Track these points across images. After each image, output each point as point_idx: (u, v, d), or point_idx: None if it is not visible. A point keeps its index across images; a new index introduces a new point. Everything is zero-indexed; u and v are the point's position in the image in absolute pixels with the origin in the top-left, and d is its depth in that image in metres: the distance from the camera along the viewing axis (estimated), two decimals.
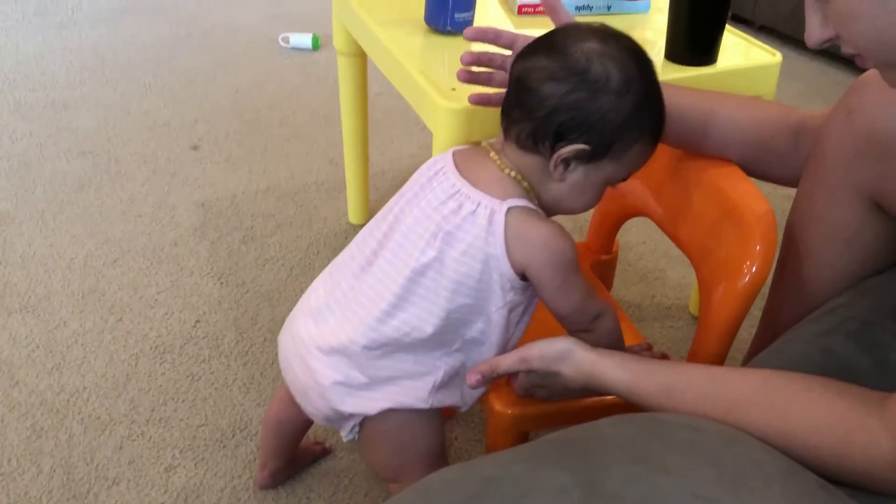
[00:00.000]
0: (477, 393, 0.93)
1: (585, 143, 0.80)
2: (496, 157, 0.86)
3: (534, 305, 0.90)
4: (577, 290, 0.85)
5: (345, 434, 0.92)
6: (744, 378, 0.73)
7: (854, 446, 0.64)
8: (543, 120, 0.80)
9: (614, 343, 0.89)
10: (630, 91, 0.79)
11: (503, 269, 0.82)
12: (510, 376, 0.91)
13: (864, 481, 0.64)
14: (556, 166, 0.82)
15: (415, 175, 0.91)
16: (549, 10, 0.95)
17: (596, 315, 0.87)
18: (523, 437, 1.01)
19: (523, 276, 0.84)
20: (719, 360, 0.92)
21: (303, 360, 0.89)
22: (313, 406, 0.91)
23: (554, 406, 0.93)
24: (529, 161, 0.84)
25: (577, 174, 0.83)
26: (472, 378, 0.86)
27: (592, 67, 0.79)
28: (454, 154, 0.89)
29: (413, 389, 0.88)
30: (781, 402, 0.69)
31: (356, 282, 0.88)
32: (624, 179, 0.86)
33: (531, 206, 0.84)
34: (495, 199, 0.82)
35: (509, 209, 0.82)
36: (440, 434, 0.95)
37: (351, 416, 0.89)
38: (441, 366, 0.88)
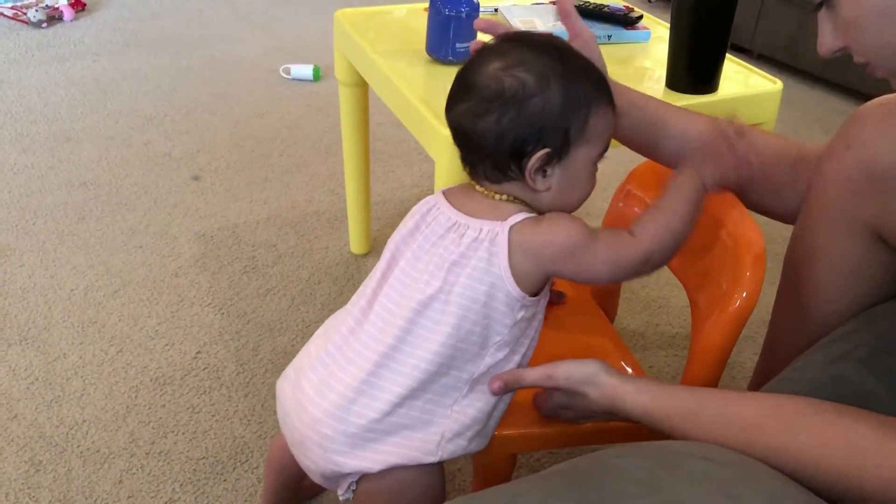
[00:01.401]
0: (490, 431, 0.90)
1: (544, 146, 0.81)
2: (483, 190, 0.86)
3: (541, 316, 0.89)
4: (598, 256, 0.82)
5: (341, 493, 0.88)
6: (757, 401, 0.73)
7: (867, 469, 0.63)
8: (495, 150, 0.82)
9: (692, 219, 0.85)
10: (550, 81, 0.80)
11: (508, 289, 0.82)
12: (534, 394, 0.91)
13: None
14: (534, 180, 0.82)
15: (405, 218, 0.91)
16: (564, 14, 0.96)
17: (643, 259, 0.82)
18: (511, 460, 1.00)
19: (534, 293, 0.84)
20: (711, 385, 0.91)
21: (303, 408, 0.86)
22: (310, 460, 0.87)
23: (541, 429, 0.93)
24: (509, 188, 0.85)
25: (557, 175, 0.83)
26: (495, 384, 0.84)
27: (504, 85, 0.80)
28: (444, 193, 0.90)
29: (420, 441, 0.84)
30: (793, 425, 0.68)
31: (357, 325, 0.87)
32: (606, 149, 0.86)
33: (532, 215, 0.84)
34: (496, 221, 0.83)
35: (511, 227, 0.82)
36: (442, 496, 0.91)
37: (349, 473, 0.86)
38: (451, 415, 0.85)
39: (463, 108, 0.83)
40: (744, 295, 0.86)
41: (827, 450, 0.65)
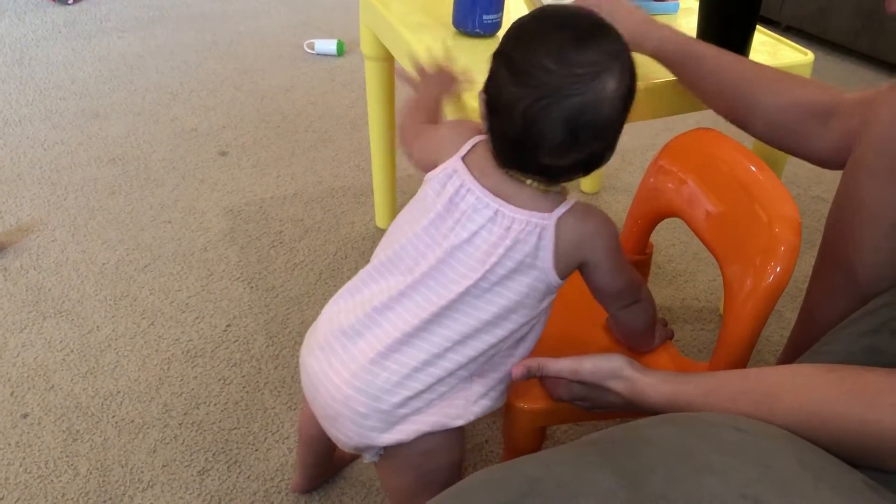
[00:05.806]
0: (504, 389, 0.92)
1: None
2: (532, 182, 0.83)
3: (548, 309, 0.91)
4: (627, 266, 0.89)
5: (367, 457, 0.89)
6: (774, 371, 0.74)
7: (882, 409, 0.63)
8: (610, 143, 0.81)
9: (653, 309, 0.96)
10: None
11: (550, 280, 0.83)
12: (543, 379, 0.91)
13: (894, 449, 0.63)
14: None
15: (428, 192, 0.88)
16: None
17: (641, 283, 0.93)
18: (541, 433, 1.01)
19: (564, 276, 0.84)
20: (743, 361, 0.91)
21: (335, 385, 0.85)
22: (343, 434, 0.87)
23: (570, 403, 0.93)
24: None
25: None
26: (518, 371, 0.86)
27: (629, 87, 0.79)
28: (468, 167, 0.85)
29: (448, 408, 0.85)
30: (808, 384, 0.69)
31: (386, 307, 0.85)
32: None
33: (572, 201, 0.85)
34: (543, 213, 0.82)
35: (558, 219, 0.82)
36: (462, 460, 0.92)
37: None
38: (473, 383, 0.87)
39: (571, 106, 0.76)
40: (777, 269, 0.85)
41: (842, 397, 0.66)
